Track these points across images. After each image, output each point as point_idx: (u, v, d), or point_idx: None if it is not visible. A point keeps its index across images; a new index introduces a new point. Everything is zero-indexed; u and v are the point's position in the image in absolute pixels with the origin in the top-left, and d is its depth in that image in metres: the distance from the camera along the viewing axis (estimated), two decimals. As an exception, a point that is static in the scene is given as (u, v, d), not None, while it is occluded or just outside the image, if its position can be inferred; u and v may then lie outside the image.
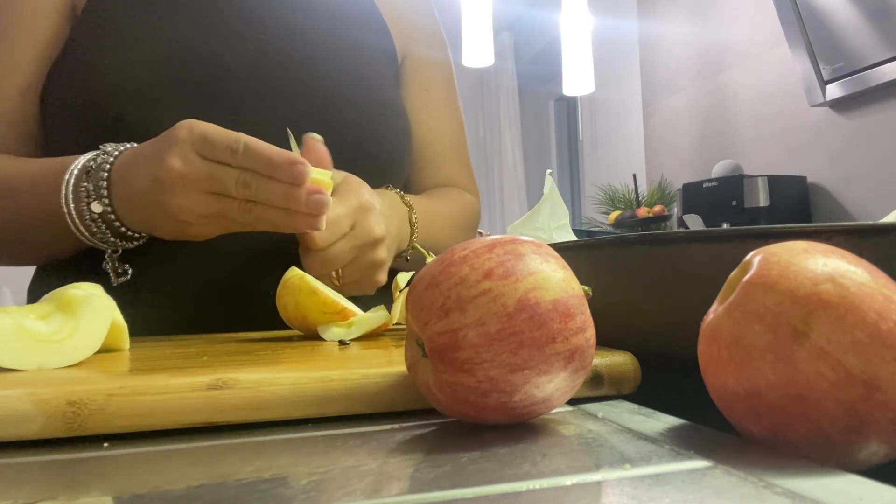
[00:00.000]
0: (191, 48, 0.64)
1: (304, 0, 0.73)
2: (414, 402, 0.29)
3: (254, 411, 0.27)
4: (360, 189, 0.59)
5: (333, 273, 0.57)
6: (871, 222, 0.30)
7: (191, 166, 0.49)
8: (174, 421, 0.26)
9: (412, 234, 0.68)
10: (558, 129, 4.82)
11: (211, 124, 0.51)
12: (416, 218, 0.68)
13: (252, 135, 0.52)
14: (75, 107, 0.62)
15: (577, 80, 3.08)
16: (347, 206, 0.56)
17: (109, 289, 0.42)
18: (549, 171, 0.90)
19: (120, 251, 0.58)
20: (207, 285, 0.63)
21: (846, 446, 0.21)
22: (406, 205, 0.68)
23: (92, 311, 0.35)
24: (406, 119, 0.78)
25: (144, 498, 0.19)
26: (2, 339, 0.31)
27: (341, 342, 0.43)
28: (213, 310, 0.63)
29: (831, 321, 0.21)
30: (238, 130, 0.53)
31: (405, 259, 0.69)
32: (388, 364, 0.31)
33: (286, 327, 0.63)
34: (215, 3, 0.68)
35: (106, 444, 0.25)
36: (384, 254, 0.60)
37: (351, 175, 0.60)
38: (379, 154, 0.72)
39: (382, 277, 0.61)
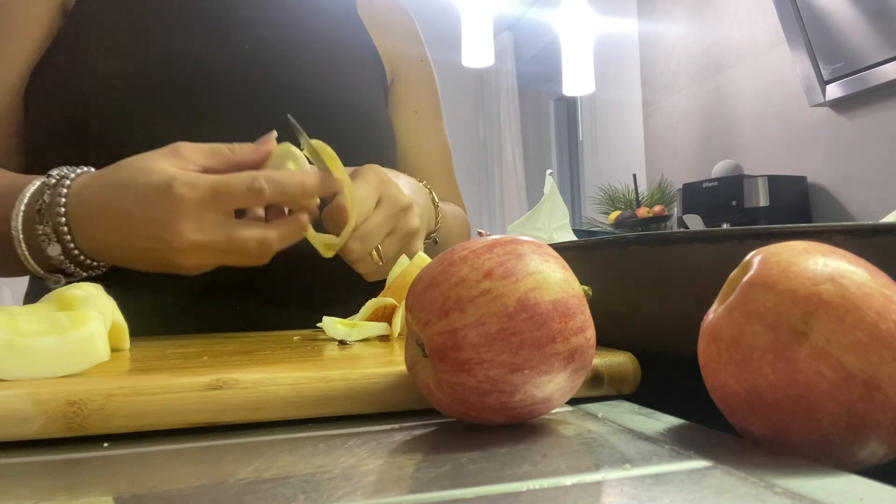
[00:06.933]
0: (175, 52, 0.64)
1: (291, 11, 0.73)
2: (414, 402, 0.29)
3: (254, 411, 0.27)
4: (377, 168, 0.59)
5: (374, 253, 0.57)
6: (871, 222, 0.30)
7: (209, 236, 0.47)
8: (174, 421, 0.26)
9: (437, 216, 0.68)
10: (558, 129, 4.81)
11: (203, 172, 0.48)
12: (437, 199, 0.68)
13: (235, 142, 0.51)
14: (57, 106, 0.61)
15: (577, 80, 3.08)
16: (369, 184, 0.56)
17: (110, 289, 0.42)
18: (549, 171, 0.90)
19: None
20: (208, 286, 0.63)
21: (846, 446, 0.21)
22: (425, 186, 0.68)
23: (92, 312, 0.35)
24: (391, 130, 0.78)
25: (144, 498, 0.19)
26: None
27: (341, 342, 0.43)
28: (214, 310, 0.63)
29: (831, 321, 0.21)
30: (221, 137, 0.52)
31: (434, 241, 0.69)
32: (388, 364, 0.31)
33: (286, 327, 0.63)
34: (202, 9, 0.68)
35: (106, 444, 0.25)
36: (417, 221, 0.60)
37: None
38: (364, 163, 0.72)
39: (419, 245, 0.61)
